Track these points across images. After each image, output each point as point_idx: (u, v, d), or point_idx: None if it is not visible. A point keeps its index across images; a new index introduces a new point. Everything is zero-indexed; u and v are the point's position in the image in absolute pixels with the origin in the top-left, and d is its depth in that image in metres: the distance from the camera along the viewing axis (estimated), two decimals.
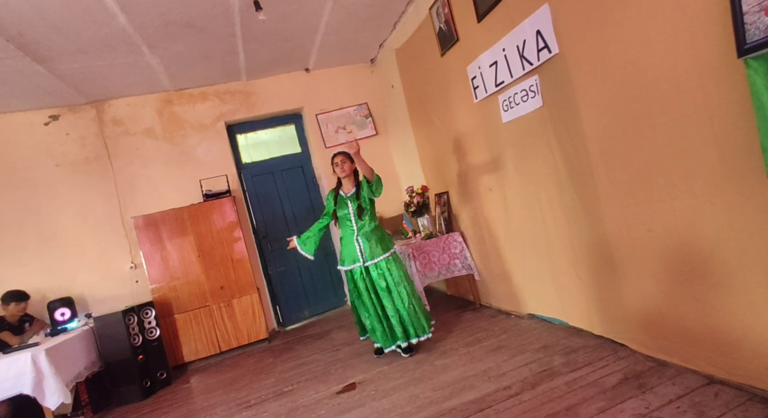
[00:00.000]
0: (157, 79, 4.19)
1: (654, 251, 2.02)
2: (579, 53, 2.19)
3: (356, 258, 2.97)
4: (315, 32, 4.02)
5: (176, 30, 3.37)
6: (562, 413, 1.90)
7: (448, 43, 3.33)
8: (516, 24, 2.54)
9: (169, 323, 4.05)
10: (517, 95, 2.70)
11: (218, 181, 4.48)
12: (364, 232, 2.98)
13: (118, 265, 4.29)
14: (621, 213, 2.16)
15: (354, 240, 2.98)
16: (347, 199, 3.03)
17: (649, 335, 2.16)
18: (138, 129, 4.49)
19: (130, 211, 4.32)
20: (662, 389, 1.91)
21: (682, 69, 1.72)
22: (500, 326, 3.18)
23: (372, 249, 2.95)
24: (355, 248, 2.98)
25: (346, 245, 3.03)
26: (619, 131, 2.06)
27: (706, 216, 1.75)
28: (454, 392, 2.32)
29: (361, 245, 2.97)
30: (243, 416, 2.69)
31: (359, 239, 2.98)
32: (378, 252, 2.95)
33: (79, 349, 3.37)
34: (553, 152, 2.53)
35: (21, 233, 4.06)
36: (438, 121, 3.80)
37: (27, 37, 2.98)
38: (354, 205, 2.99)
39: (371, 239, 2.97)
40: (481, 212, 3.45)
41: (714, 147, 1.67)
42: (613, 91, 2.04)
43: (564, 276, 2.69)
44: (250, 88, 4.81)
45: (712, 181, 1.70)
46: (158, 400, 3.43)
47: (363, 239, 2.97)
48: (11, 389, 2.79)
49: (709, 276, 1.80)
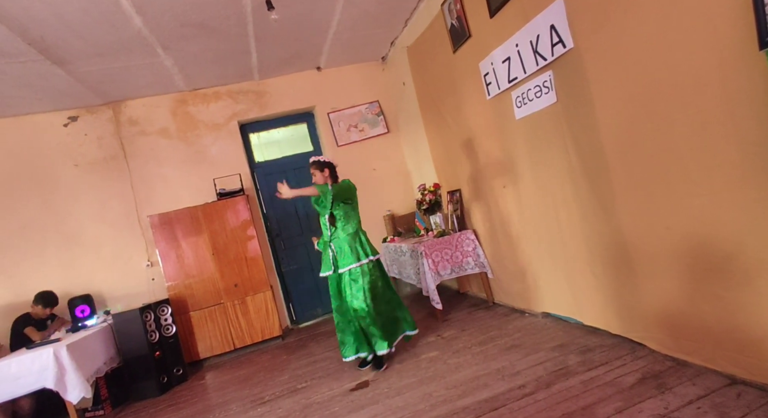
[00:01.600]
0: (171, 79, 4.25)
1: (673, 248, 1.98)
2: (594, 48, 2.15)
3: (329, 265, 3.00)
4: (326, 31, 4.03)
5: (190, 31, 3.41)
6: (579, 412, 1.88)
7: (460, 40, 3.31)
8: (529, 19, 2.50)
9: (185, 320, 4.12)
10: (530, 91, 2.67)
11: (232, 180, 4.53)
12: (337, 239, 2.97)
13: (135, 263, 4.37)
14: (638, 210, 2.12)
15: (328, 247, 3.01)
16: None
17: (668, 333, 2.12)
18: (153, 129, 4.56)
19: (145, 209, 4.40)
20: (682, 390, 1.87)
21: (701, 62, 1.68)
22: (514, 324, 3.16)
23: (344, 257, 2.94)
24: (328, 255, 3.01)
25: (323, 251, 3.10)
26: (636, 127, 2.02)
27: (728, 213, 1.71)
28: (467, 391, 2.31)
29: (334, 252, 2.98)
30: (257, 413, 2.73)
31: (332, 245, 2.99)
32: (348, 260, 2.92)
33: (99, 345, 3.45)
34: (567, 149, 2.49)
35: (43, 232, 4.17)
36: (450, 118, 3.78)
37: (48, 41, 3.06)
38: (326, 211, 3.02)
39: (343, 246, 2.95)
40: (494, 210, 3.43)
41: (735, 142, 1.63)
42: (629, 85, 2.00)
43: (579, 274, 2.66)
44: (263, 88, 4.85)
45: (734, 177, 1.66)
46: (175, 395, 3.49)
47: (336, 247, 2.98)
48: (35, 383, 2.87)
49: (732, 274, 1.75)
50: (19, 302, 3.91)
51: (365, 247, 2.99)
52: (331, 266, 2.99)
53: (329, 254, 2.99)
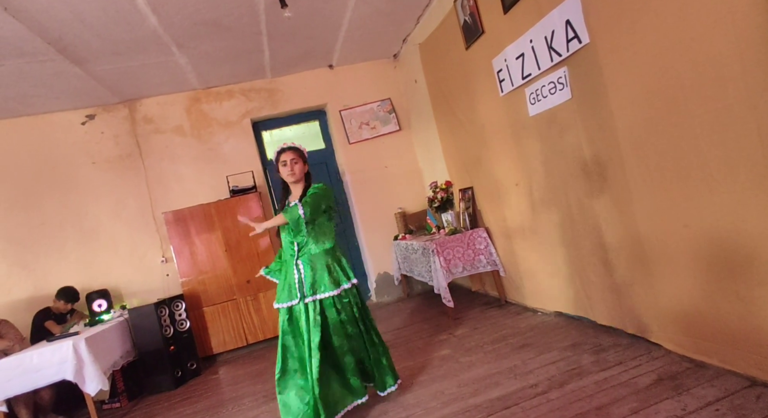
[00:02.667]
0: (185, 78, 4.30)
1: (691, 247, 1.94)
2: (611, 42, 2.11)
3: (293, 291, 2.22)
4: (338, 28, 4.03)
5: (204, 29, 3.44)
6: (593, 412, 1.86)
7: (473, 36, 3.28)
8: (544, 14, 2.47)
9: (199, 315, 4.18)
10: (544, 88, 2.63)
11: (244, 178, 4.57)
12: (308, 254, 2.25)
13: (150, 259, 4.44)
14: (655, 208, 2.08)
15: (293, 265, 2.25)
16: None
17: (686, 334, 2.08)
18: (168, 127, 4.63)
19: (160, 206, 4.46)
20: (700, 391, 1.83)
21: (723, 56, 1.63)
22: (526, 323, 3.13)
23: (315, 279, 2.22)
24: (293, 276, 2.24)
25: (284, 272, 2.30)
26: (654, 123, 1.98)
27: (749, 211, 1.67)
28: (479, 389, 2.30)
29: (302, 272, 2.22)
30: (270, 408, 2.75)
31: (299, 263, 2.25)
32: (324, 285, 2.21)
33: (115, 339, 3.52)
34: (581, 145, 2.46)
35: (62, 228, 4.27)
36: (462, 115, 3.75)
37: (66, 40, 3.12)
38: None
39: (316, 264, 2.24)
40: (507, 208, 3.40)
41: (758, 138, 1.58)
42: (647, 80, 1.96)
43: (593, 273, 2.62)
44: (275, 86, 4.88)
45: (756, 175, 1.61)
46: (189, 389, 3.55)
47: (305, 265, 2.24)
48: (55, 375, 2.94)
49: (753, 274, 1.71)
50: (40, 295, 4.01)
51: (340, 269, 2.29)
52: (295, 290, 2.21)
53: (294, 275, 2.24)
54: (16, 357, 2.94)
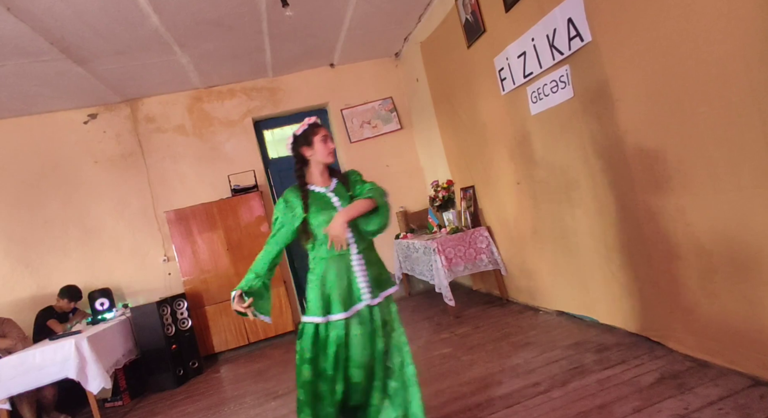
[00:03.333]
0: (187, 77, 4.31)
1: (695, 246, 1.93)
2: (613, 40, 2.10)
3: (356, 296, 1.67)
4: (340, 27, 4.03)
5: (205, 28, 3.44)
6: (595, 411, 1.85)
7: (474, 35, 3.27)
8: (546, 12, 2.46)
9: (200, 314, 4.19)
10: (546, 86, 2.62)
11: (246, 177, 4.58)
12: (367, 253, 1.74)
13: (152, 258, 4.45)
14: (658, 207, 2.07)
15: (350, 267, 1.68)
16: (329, 195, 1.75)
17: (689, 333, 2.07)
18: (169, 126, 4.63)
19: (162, 205, 4.47)
20: (703, 390, 1.82)
21: (726, 54, 1.63)
22: (528, 322, 3.13)
23: (379, 281, 1.73)
24: (355, 279, 1.68)
25: (335, 276, 1.67)
26: (657, 121, 1.97)
27: (754, 210, 1.66)
28: (481, 388, 2.29)
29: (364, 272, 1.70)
30: (271, 406, 2.76)
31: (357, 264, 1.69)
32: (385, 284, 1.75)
33: (118, 337, 3.53)
34: (584, 144, 2.45)
35: (65, 227, 4.28)
36: (464, 114, 3.75)
37: (69, 40, 3.12)
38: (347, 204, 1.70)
39: (374, 265, 1.75)
40: (509, 206, 3.39)
41: (762, 136, 1.57)
42: (650, 79, 1.95)
43: (596, 272, 2.61)
44: (276, 85, 4.88)
45: (761, 173, 1.61)
46: (191, 388, 3.55)
47: (367, 265, 1.71)
48: (58, 373, 2.96)
49: (758, 273, 1.70)
50: (43, 294, 4.03)
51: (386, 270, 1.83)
52: (359, 294, 1.67)
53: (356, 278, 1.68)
54: (19, 356, 2.95)
